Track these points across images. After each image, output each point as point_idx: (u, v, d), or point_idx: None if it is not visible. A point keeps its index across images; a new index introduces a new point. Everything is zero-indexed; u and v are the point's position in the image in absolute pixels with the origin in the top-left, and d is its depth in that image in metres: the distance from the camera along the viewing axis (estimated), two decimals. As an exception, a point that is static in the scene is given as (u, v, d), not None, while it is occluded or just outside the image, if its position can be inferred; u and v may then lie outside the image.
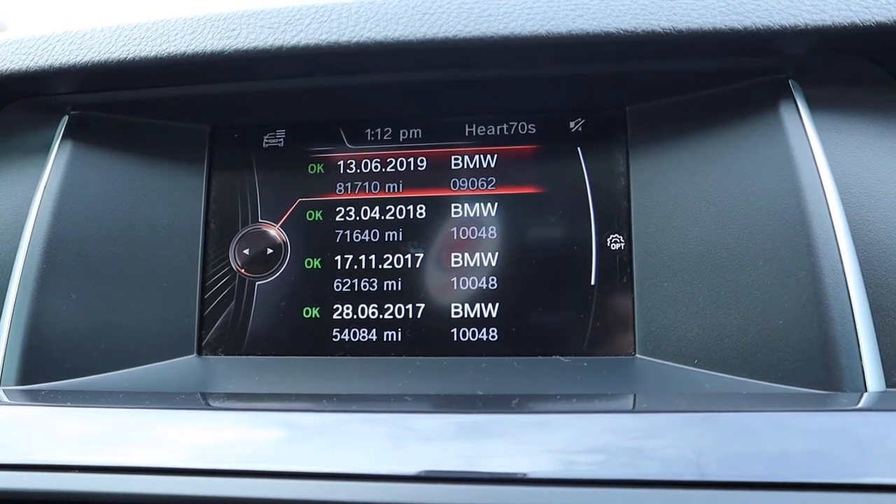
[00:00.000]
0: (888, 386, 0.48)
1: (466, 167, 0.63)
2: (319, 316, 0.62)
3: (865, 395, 0.46)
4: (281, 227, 0.65)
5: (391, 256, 0.63)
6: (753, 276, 0.53)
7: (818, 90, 0.56)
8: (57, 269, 0.59)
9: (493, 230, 0.62)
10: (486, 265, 0.61)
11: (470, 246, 0.62)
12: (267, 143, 0.67)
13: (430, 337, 0.61)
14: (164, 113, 0.66)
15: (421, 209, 0.63)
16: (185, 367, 0.61)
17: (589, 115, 0.63)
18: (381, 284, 0.62)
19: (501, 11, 0.54)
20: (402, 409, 0.47)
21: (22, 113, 0.67)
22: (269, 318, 0.63)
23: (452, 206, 0.63)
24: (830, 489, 0.35)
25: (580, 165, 0.62)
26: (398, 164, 0.65)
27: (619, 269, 0.59)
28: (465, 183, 0.63)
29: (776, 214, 0.52)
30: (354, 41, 0.55)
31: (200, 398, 0.56)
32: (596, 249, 0.60)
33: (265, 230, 0.65)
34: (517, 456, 0.38)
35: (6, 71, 0.61)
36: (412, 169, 0.64)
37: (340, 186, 0.65)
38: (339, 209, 0.64)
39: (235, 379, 0.60)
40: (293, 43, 0.56)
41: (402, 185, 0.64)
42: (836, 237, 0.50)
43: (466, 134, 0.64)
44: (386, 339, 0.61)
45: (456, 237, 0.62)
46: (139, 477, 0.40)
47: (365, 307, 0.62)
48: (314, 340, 0.62)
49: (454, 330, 0.61)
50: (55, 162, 0.62)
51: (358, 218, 0.64)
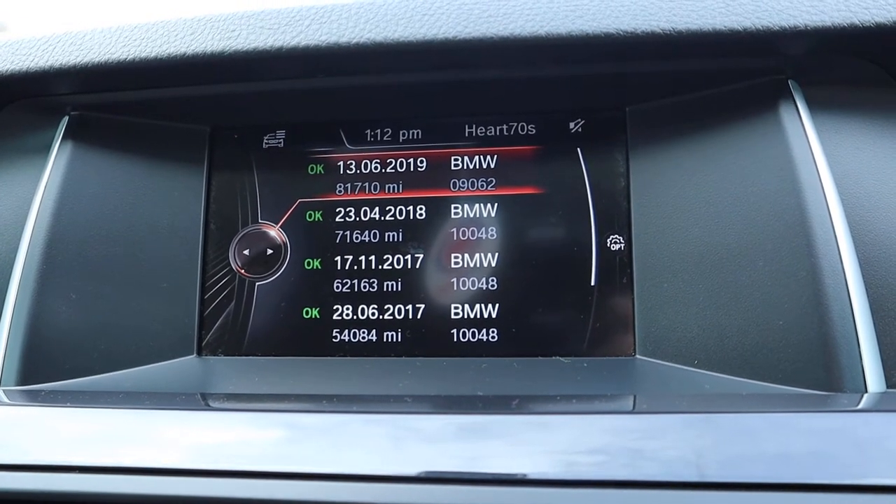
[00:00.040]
0: (888, 386, 0.48)
1: (466, 168, 0.63)
2: (319, 316, 0.62)
3: (866, 395, 0.46)
4: (281, 227, 0.65)
5: (391, 257, 0.63)
6: (753, 276, 0.53)
7: (818, 91, 0.57)
8: (57, 269, 0.59)
9: (492, 231, 0.62)
10: (485, 266, 0.61)
11: (470, 246, 0.62)
12: (267, 143, 0.67)
13: (430, 338, 0.61)
14: (164, 113, 0.66)
15: (421, 210, 0.63)
16: (184, 367, 0.61)
17: (589, 115, 0.63)
18: (381, 285, 0.62)
19: (501, 12, 0.54)
20: (402, 409, 0.47)
21: (22, 113, 0.67)
22: (269, 318, 0.63)
23: (452, 206, 0.63)
24: (831, 490, 0.35)
25: (580, 166, 0.62)
26: (398, 164, 0.65)
27: (619, 269, 0.59)
28: (464, 183, 0.63)
29: (776, 215, 0.52)
30: (354, 42, 0.55)
31: (200, 399, 0.56)
32: (596, 250, 0.60)
33: (265, 231, 0.65)
34: (517, 457, 0.38)
35: (7, 71, 0.61)
36: (412, 169, 0.64)
37: (340, 187, 0.65)
38: (338, 210, 0.64)
39: (235, 379, 0.60)
40: (293, 44, 0.56)
41: (401, 185, 0.64)
42: (836, 237, 0.50)
43: (466, 135, 0.64)
44: (386, 339, 0.61)
45: (456, 238, 0.62)
46: (139, 477, 0.40)
47: (365, 308, 0.62)
48: (314, 341, 0.62)
49: (454, 331, 0.61)
50: (55, 162, 0.62)
51: (358, 218, 0.64)
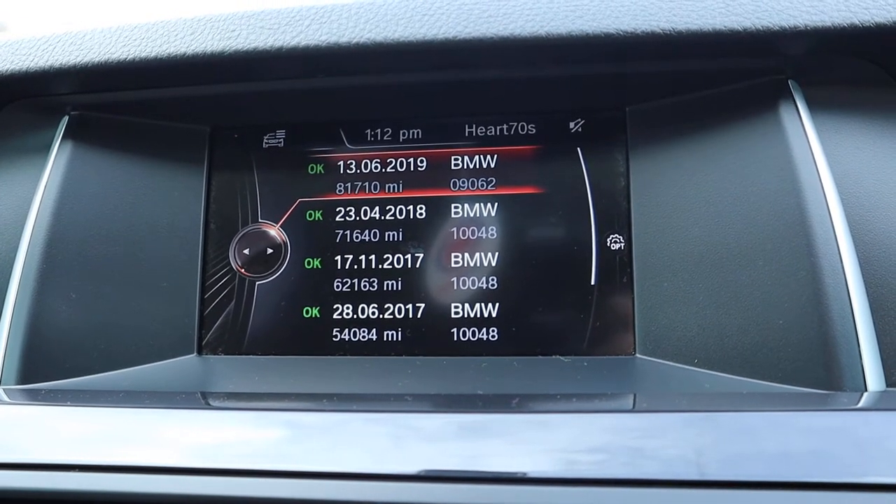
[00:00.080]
0: (888, 385, 0.48)
1: (466, 167, 0.64)
2: (319, 316, 0.62)
3: (865, 394, 0.46)
4: (281, 227, 0.65)
5: (391, 256, 0.63)
6: (753, 276, 0.53)
7: (818, 91, 0.57)
8: (57, 269, 0.59)
9: (493, 230, 0.62)
10: (486, 265, 0.62)
11: (470, 246, 0.62)
12: (267, 143, 0.67)
13: (430, 337, 0.61)
14: (164, 113, 0.66)
15: (421, 209, 0.63)
16: (185, 366, 0.61)
17: (589, 115, 0.63)
18: (381, 284, 0.62)
19: (501, 12, 0.54)
20: (402, 408, 0.47)
21: (22, 113, 0.67)
22: (269, 317, 0.63)
23: (452, 206, 0.63)
24: (830, 489, 0.35)
25: (580, 166, 0.62)
26: (398, 164, 0.65)
27: (619, 269, 0.59)
28: (465, 183, 0.63)
29: (776, 214, 0.52)
30: (354, 42, 0.55)
31: (200, 398, 0.56)
32: (596, 249, 0.60)
33: (265, 230, 0.65)
34: (517, 455, 0.38)
35: (6, 71, 0.61)
36: (412, 169, 0.64)
37: (340, 186, 0.65)
38: (339, 209, 0.64)
39: (235, 378, 0.60)
40: (293, 44, 0.56)
41: (402, 185, 0.64)
42: (836, 237, 0.50)
43: (466, 134, 0.64)
44: (386, 338, 0.61)
45: (456, 237, 0.62)
46: (139, 476, 0.40)
47: (365, 307, 0.62)
48: (314, 340, 0.62)
49: (454, 330, 0.61)
50: (55, 162, 0.62)
51: (358, 218, 0.64)
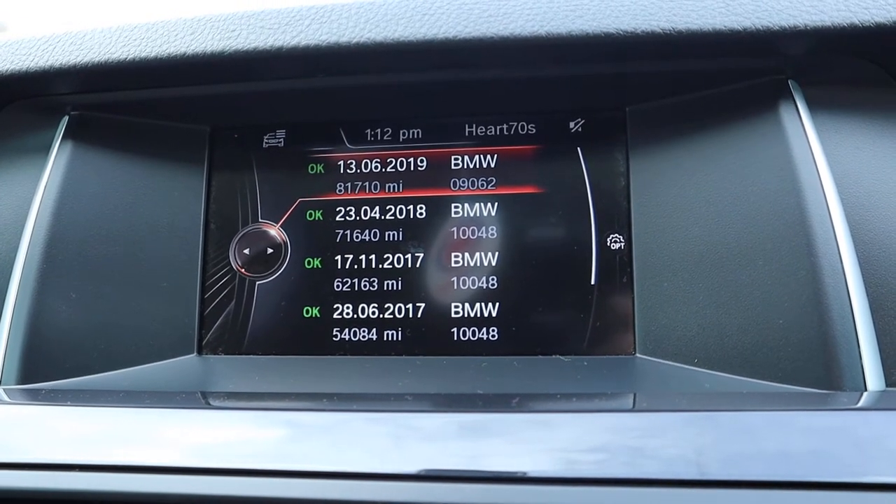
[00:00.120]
0: (888, 385, 0.48)
1: (466, 167, 0.64)
2: (319, 315, 0.62)
3: (865, 394, 0.46)
4: (281, 226, 0.65)
5: (391, 256, 0.63)
6: (753, 275, 0.53)
7: (818, 91, 0.57)
8: (57, 269, 0.59)
9: (493, 230, 0.62)
10: (486, 265, 0.62)
11: (470, 246, 0.62)
12: (267, 143, 0.67)
13: (430, 336, 0.61)
14: (164, 113, 0.66)
15: (421, 209, 0.63)
16: (185, 366, 0.61)
17: (589, 115, 0.63)
18: (381, 284, 0.62)
19: (501, 12, 0.54)
20: (402, 408, 0.47)
21: (22, 113, 0.67)
22: (269, 317, 0.63)
23: (452, 205, 0.63)
24: (830, 488, 0.35)
25: (580, 165, 0.62)
26: (398, 164, 0.65)
27: (619, 268, 0.59)
28: (465, 183, 0.63)
29: (776, 214, 0.52)
30: (354, 42, 0.55)
31: (200, 397, 0.56)
32: (596, 249, 0.60)
33: (265, 230, 0.65)
34: (517, 455, 0.38)
35: (6, 71, 0.61)
36: (412, 169, 0.64)
37: (340, 186, 0.65)
38: (339, 209, 0.64)
39: (235, 378, 0.60)
40: (293, 44, 0.56)
41: (402, 184, 0.64)
42: (836, 237, 0.50)
43: (466, 134, 0.64)
44: (386, 338, 0.61)
45: (456, 237, 0.62)
46: (139, 476, 0.40)
47: (365, 307, 0.62)
48: (314, 340, 0.62)
49: (454, 329, 0.61)
50: (55, 162, 0.62)
51: (358, 218, 0.64)
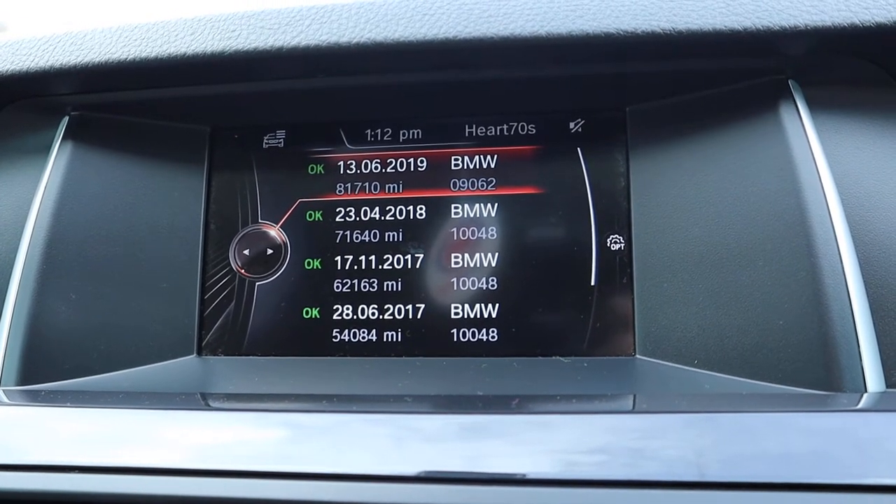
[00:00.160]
0: (888, 386, 0.48)
1: (466, 168, 0.64)
2: (319, 316, 0.62)
3: (865, 395, 0.46)
4: (281, 227, 0.65)
5: (391, 257, 0.63)
6: (753, 276, 0.53)
7: (818, 91, 0.57)
8: (57, 269, 0.59)
9: (493, 231, 0.62)
10: (486, 266, 0.61)
11: (470, 246, 0.62)
12: (267, 143, 0.67)
13: (430, 337, 0.61)
14: (164, 114, 0.66)
15: (421, 210, 0.63)
16: (184, 367, 0.61)
17: (589, 115, 0.63)
18: (381, 285, 0.62)
19: (501, 12, 0.54)
20: (402, 409, 0.47)
21: (22, 113, 0.67)
22: (269, 318, 0.63)
23: (452, 206, 0.63)
24: (830, 490, 0.35)
25: (580, 166, 0.62)
26: (398, 164, 0.65)
27: (619, 269, 0.59)
28: (465, 183, 0.63)
29: (776, 215, 0.52)
30: (354, 42, 0.55)
31: (200, 398, 0.56)
32: (596, 250, 0.60)
33: (265, 230, 0.65)
34: (517, 456, 0.38)
35: (7, 72, 0.61)
36: (412, 169, 0.64)
37: (340, 187, 0.65)
38: (339, 210, 0.64)
39: (235, 379, 0.60)
40: (293, 44, 0.56)
41: (402, 185, 0.64)
42: (836, 237, 0.50)
43: (466, 134, 0.64)
44: (386, 339, 0.61)
45: (456, 238, 0.62)
46: (139, 477, 0.40)
47: (365, 308, 0.62)
48: (314, 341, 0.62)
49: (454, 330, 0.61)
50: (55, 162, 0.62)
51: (358, 218, 0.64)
